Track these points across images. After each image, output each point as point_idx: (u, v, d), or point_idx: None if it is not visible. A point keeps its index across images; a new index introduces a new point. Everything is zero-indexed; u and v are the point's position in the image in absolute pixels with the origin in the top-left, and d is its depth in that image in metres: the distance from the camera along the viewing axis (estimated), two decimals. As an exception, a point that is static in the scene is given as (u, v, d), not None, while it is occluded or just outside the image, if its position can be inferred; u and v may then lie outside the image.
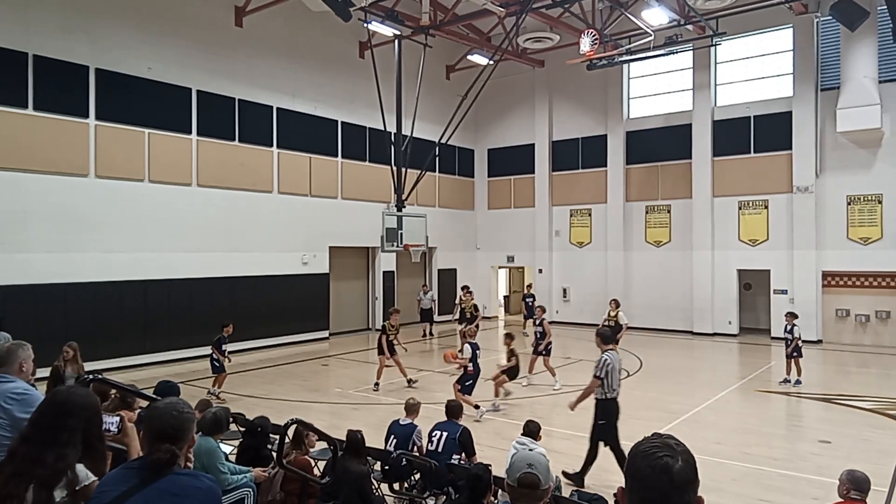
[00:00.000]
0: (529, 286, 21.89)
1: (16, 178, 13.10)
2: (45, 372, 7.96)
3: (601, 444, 7.48)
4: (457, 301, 15.86)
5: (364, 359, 16.61)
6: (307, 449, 5.98)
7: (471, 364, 10.56)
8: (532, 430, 6.39)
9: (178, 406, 2.48)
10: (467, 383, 10.64)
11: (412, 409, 7.06)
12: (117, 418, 3.46)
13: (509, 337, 11.62)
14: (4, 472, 2.53)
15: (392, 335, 12.80)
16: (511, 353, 11.32)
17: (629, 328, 16.18)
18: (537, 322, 13.56)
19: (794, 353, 12.91)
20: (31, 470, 2.51)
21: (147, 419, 2.54)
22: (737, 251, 20.01)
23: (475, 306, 14.51)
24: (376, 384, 12.52)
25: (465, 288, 15.48)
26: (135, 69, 15.07)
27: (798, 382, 12.85)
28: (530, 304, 19.75)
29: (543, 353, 13.11)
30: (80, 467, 2.62)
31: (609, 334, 8.01)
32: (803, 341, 13.34)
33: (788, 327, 13.15)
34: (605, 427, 7.45)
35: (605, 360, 7.44)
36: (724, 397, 12.08)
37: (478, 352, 10.78)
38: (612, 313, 15.39)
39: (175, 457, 2.35)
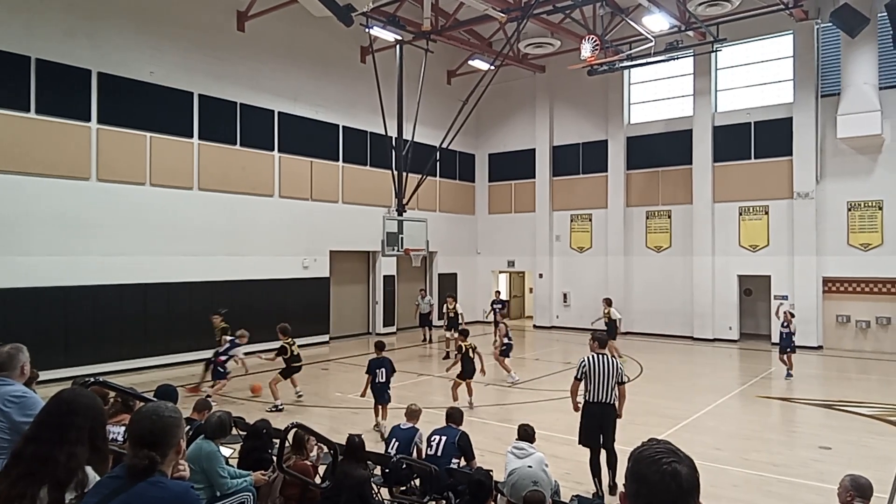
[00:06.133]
0: (498, 293, 22.42)
1: (17, 181, 13.12)
2: (46, 375, 7.95)
3: (602, 448, 7.36)
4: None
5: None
6: (307, 454, 5.97)
7: None
8: (528, 433, 6.38)
9: (159, 410, 2.37)
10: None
11: (413, 414, 7.19)
12: (123, 427, 3.47)
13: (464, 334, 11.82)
14: (12, 473, 2.50)
15: None
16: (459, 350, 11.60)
17: (626, 333, 16.52)
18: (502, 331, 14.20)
19: (790, 349, 14.02)
20: (42, 469, 2.47)
21: (129, 424, 2.48)
22: (737, 257, 20.00)
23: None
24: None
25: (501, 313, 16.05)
26: (137, 73, 15.11)
27: (790, 375, 14.01)
28: (498, 309, 20.52)
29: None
30: (87, 469, 2.61)
31: (605, 338, 7.89)
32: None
33: (785, 323, 14.19)
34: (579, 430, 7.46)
35: (581, 361, 7.44)
36: (725, 403, 12.06)
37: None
38: (606, 311, 16.49)
39: (154, 463, 2.25)
